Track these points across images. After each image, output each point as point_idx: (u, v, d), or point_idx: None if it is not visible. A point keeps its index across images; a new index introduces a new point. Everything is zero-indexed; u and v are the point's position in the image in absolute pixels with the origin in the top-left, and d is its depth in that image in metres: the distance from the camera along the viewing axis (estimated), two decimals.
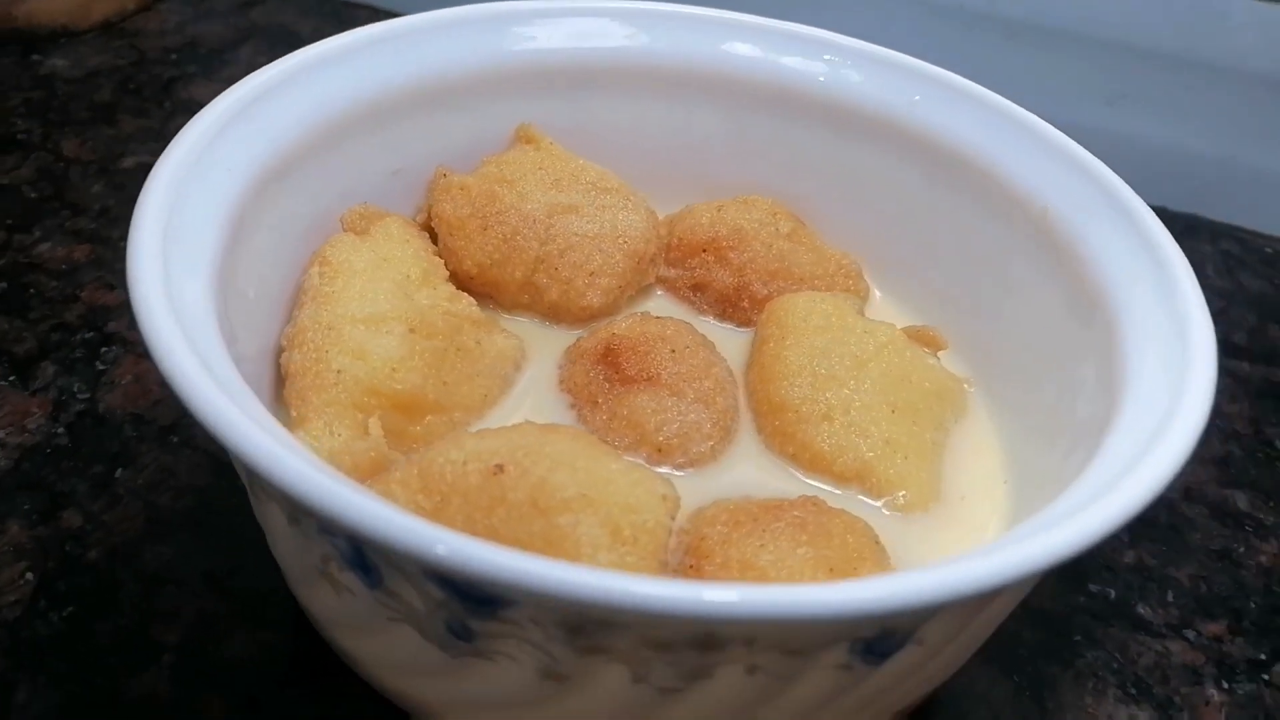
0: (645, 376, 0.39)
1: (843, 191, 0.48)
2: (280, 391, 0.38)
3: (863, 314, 0.44)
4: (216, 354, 0.31)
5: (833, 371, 0.40)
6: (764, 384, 0.40)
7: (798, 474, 0.39)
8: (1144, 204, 0.39)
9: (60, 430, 0.47)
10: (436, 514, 0.29)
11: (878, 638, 0.25)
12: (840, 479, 0.39)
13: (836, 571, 0.31)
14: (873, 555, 0.34)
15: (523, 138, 0.47)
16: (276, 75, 0.40)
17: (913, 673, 0.29)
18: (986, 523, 0.39)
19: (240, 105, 0.39)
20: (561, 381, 0.41)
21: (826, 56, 0.47)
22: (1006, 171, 0.42)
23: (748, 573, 0.31)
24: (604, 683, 0.26)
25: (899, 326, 0.43)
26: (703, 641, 0.24)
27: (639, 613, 0.22)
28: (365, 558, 0.26)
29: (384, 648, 0.29)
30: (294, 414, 0.36)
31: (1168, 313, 0.35)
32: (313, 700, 0.38)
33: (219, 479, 0.45)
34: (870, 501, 0.38)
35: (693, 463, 0.38)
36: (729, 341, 0.44)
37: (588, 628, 0.24)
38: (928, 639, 0.27)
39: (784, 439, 0.39)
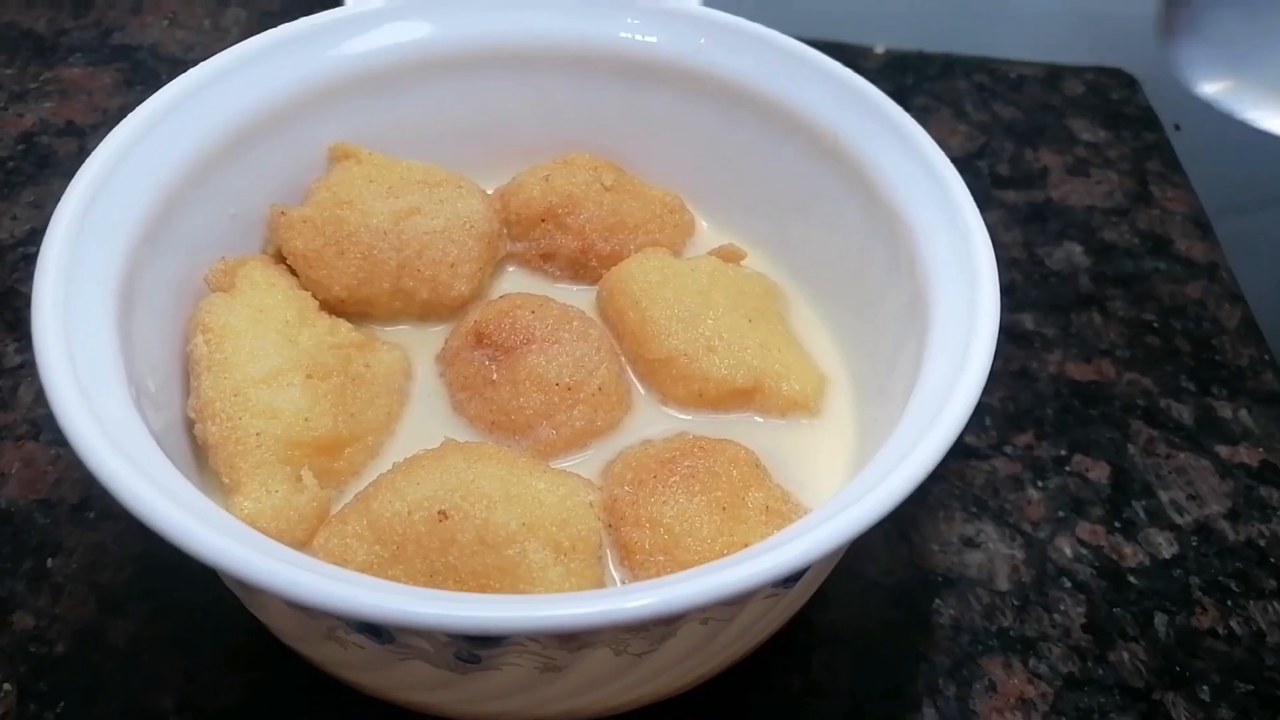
0: (523, 340, 0.44)
1: (652, 136, 0.53)
2: (199, 461, 0.41)
3: (679, 255, 0.50)
4: (148, 453, 0.34)
5: (692, 311, 0.45)
6: (643, 347, 0.45)
7: (700, 414, 0.45)
8: (918, 126, 0.45)
9: None
10: (396, 560, 0.34)
11: (789, 576, 0.32)
12: (742, 396, 0.45)
13: (729, 511, 0.38)
14: (755, 480, 0.40)
15: (339, 155, 0.49)
16: (115, 149, 0.41)
17: (820, 574, 0.37)
18: (843, 413, 0.46)
19: (90, 189, 0.39)
20: (450, 383, 0.45)
21: (617, 16, 0.50)
22: (796, 104, 0.48)
23: (658, 530, 0.37)
24: (592, 663, 0.32)
25: (705, 252, 0.49)
26: (669, 620, 0.30)
27: (620, 624, 0.28)
28: (375, 626, 0.30)
29: (395, 678, 0.34)
30: (226, 481, 0.39)
31: (945, 213, 0.41)
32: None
33: (150, 541, 0.47)
34: (759, 419, 0.45)
35: (603, 393, 0.43)
36: (586, 302, 0.49)
37: (578, 636, 0.30)
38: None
39: (684, 383, 0.44)
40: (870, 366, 0.45)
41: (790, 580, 0.33)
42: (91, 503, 0.49)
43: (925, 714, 0.45)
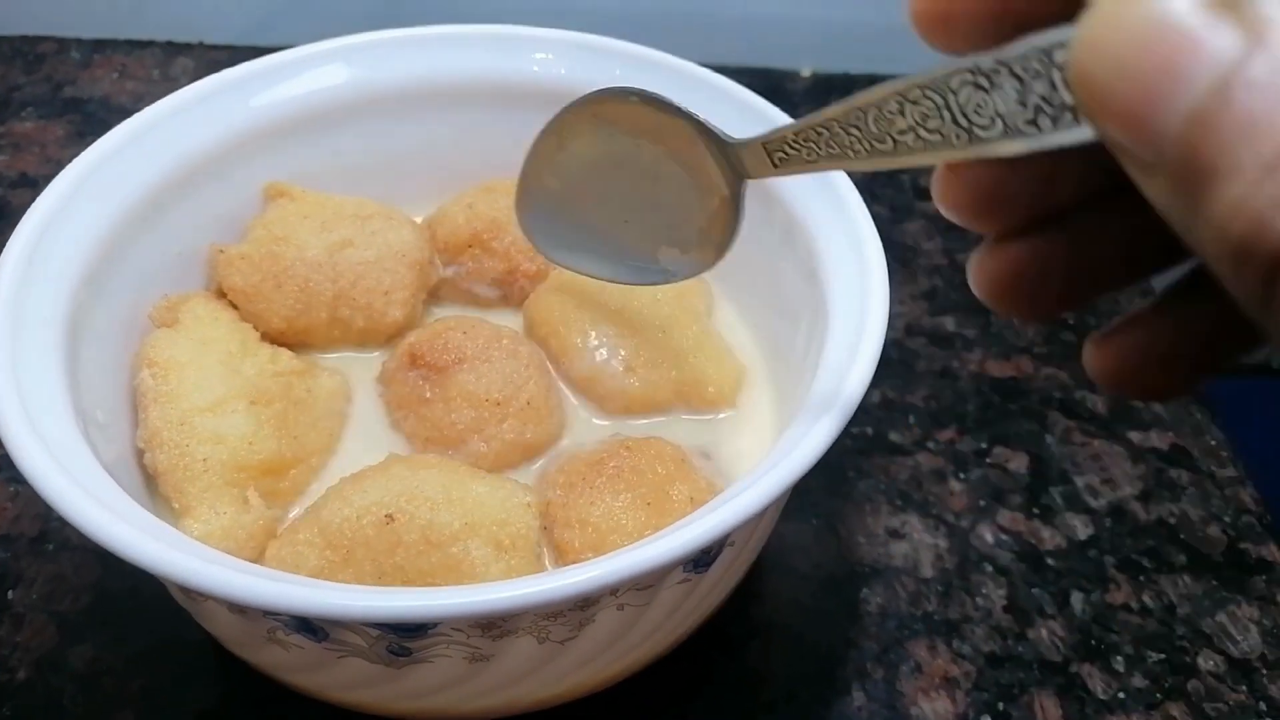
0: (455, 359, 0.46)
1: None
2: (150, 489, 0.43)
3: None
4: (92, 474, 0.36)
5: (607, 333, 0.48)
6: (569, 368, 0.48)
7: (631, 419, 0.48)
8: None
9: None
10: (346, 563, 0.36)
11: (698, 558, 0.35)
12: (666, 404, 0.47)
13: (654, 505, 0.40)
14: (680, 474, 0.43)
15: (274, 194, 0.52)
16: (58, 195, 0.43)
17: (735, 562, 0.39)
18: (764, 404, 0.49)
19: (35, 233, 0.42)
20: (388, 402, 0.48)
21: (539, 54, 0.53)
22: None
23: (586, 529, 0.40)
24: (517, 651, 0.34)
25: None
26: (581, 604, 0.33)
27: (535, 606, 0.30)
28: (310, 623, 0.32)
29: (334, 677, 0.36)
30: (176, 506, 0.42)
31: (839, 215, 0.44)
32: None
33: (108, 570, 0.49)
34: (688, 417, 0.48)
35: (532, 407, 0.45)
36: (519, 324, 0.52)
37: (496, 623, 0.32)
38: (736, 540, 0.37)
39: (609, 400, 0.47)
40: (785, 361, 0.48)
41: (701, 565, 0.36)
42: (50, 535, 0.51)
43: (855, 697, 0.47)
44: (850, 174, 0.45)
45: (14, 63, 0.80)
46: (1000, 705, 0.47)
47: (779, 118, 0.49)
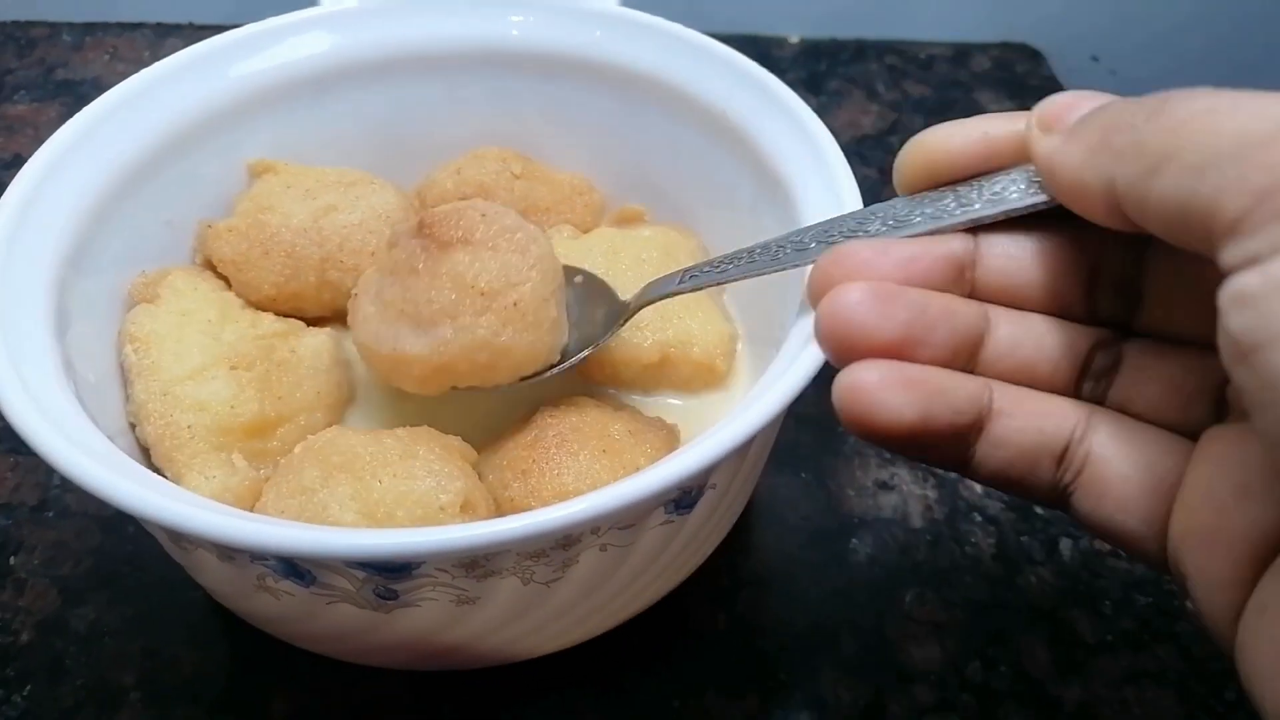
0: (459, 238, 0.42)
1: (556, 124, 0.56)
2: (147, 463, 0.43)
3: (589, 232, 0.53)
4: (93, 438, 0.36)
5: None
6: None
7: (622, 392, 0.48)
8: (798, 98, 0.48)
9: None
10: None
11: (679, 498, 0.35)
12: (655, 368, 0.47)
13: (609, 451, 0.40)
14: (610, 416, 0.43)
15: (259, 170, 0.52)
16: (50, 158, 0.44)
17: (718, 507, 0.40)
18: (750, 377, 0.49)
19: (22, 200, 0.42)
20: (381, 267, 0.43)
21: (516, 16, 0.54)
22: (686, 85, 0.51)
23: (566, 496, 0.39)
24: (503, 593, 0.35)
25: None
26: (563, 542, 0.33)
27: (515, 541, 0.31)
28: (297, 567, 0.33)
29: (326, 625, 0.37)
30: (169, 475, 0.42)
31: (824, 180, 0.45)
32: (268, 689, 0.45)
33: (108, 535, 0.50)
34: (675, 401, 0.49)
35: (518, 310, 0.40)
36: None
37: (480, 561, 0.33)
38: (718, 483, 0.38)
39: (598, 369, 0.47)
40: (767, 330, 0.48)
41: (683, 506, 0.36)
42: (50, 503, 0.52)
43: (845, 644, 0.48)
44: (839, 140, 0.45)
45: (7, 47, 0.80)
46: (989, 650, 0.48)
47: (767, 79, 0.49)
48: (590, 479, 0.40)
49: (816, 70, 0.81)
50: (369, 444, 0.39)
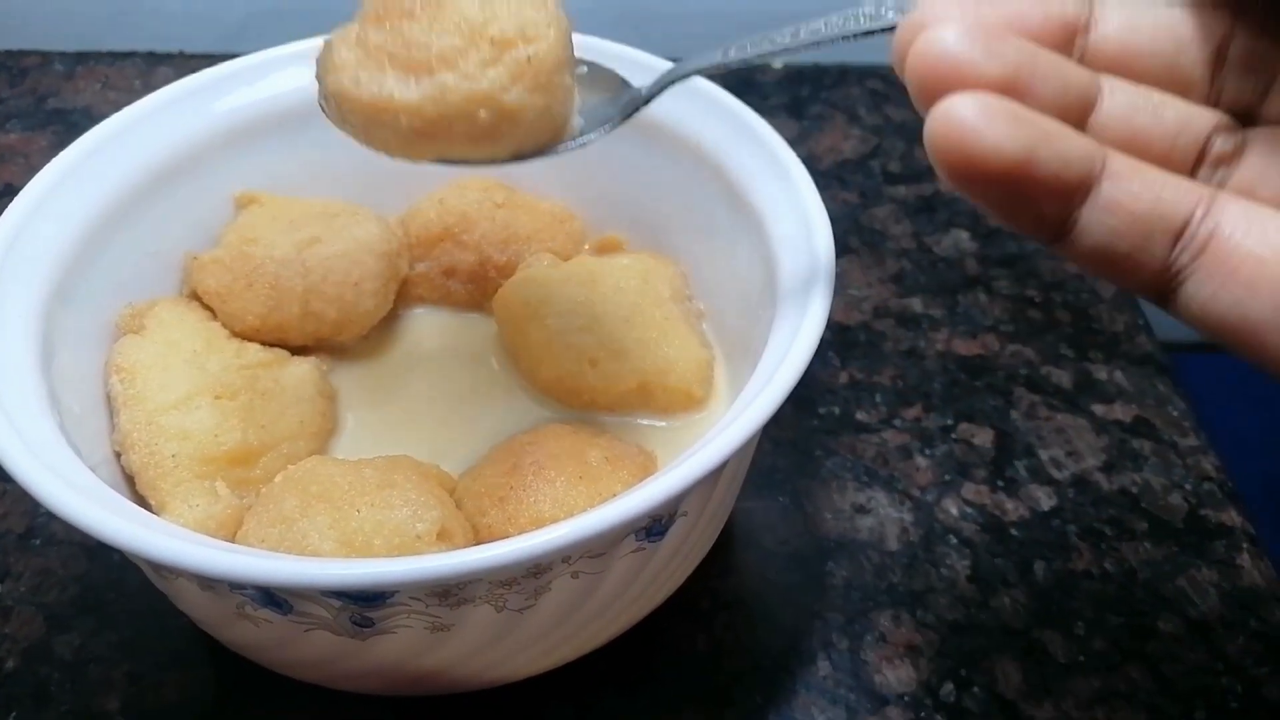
0: None
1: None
2: (132, 492, 0.44)
3: (558, 265, 0.54)
4: (76, 470, 0.37)
5: (572, 327, 0.49)
6: (533, 372, 0.49)
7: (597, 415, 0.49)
8: (769, 127, 0.49)
9: None
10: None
11: (650, 526, 0.36)
12: (633, 395, 0.48)
13: (585, 477, 0.41)
14: (586, 442, 0.43)
15: (244, 203, 0.53)
16: (39, 191, 0.45)
17: (691, 534, 0.41)
18: (726, 402, 0.50)
19: (11, 232, 0.43)
20: (365, 15, 0.36)
21: None
22: (663, 116, 0.52)
23: (543, 524, 0.40)
24: (477, 620, 0.36)
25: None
26: (533, 571, 0.34)
27: (482, 570, 0.31)
28: (274, 596, 0.34)
29: (304, 652, 0.38)
30: (154, 504, 0.43)
31: (793, 205, 0.45)
32: (252, 715, 0.46)
33: (93, 562, 0.51)
34: (647, 423, 0.49)
35: (532, 65, 0.35)
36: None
37: (452, 590, 0.33)
38: (690, 510, 0.38)
39: (575, 396, 0.48)
40: (745, 358, 0.49)
41: (654, 534, 0.37)
42: (36, 531, 0.52)
43: (820, 666, 0.49)
44: (820, 165, 0.46)
45: None
46: (962, 671, 0.48)
47: (745, 113, 0.50)
48: (567, 506, 0.41)
49: (799, 95, 0.82)
50: (347, 473, 0.40)
